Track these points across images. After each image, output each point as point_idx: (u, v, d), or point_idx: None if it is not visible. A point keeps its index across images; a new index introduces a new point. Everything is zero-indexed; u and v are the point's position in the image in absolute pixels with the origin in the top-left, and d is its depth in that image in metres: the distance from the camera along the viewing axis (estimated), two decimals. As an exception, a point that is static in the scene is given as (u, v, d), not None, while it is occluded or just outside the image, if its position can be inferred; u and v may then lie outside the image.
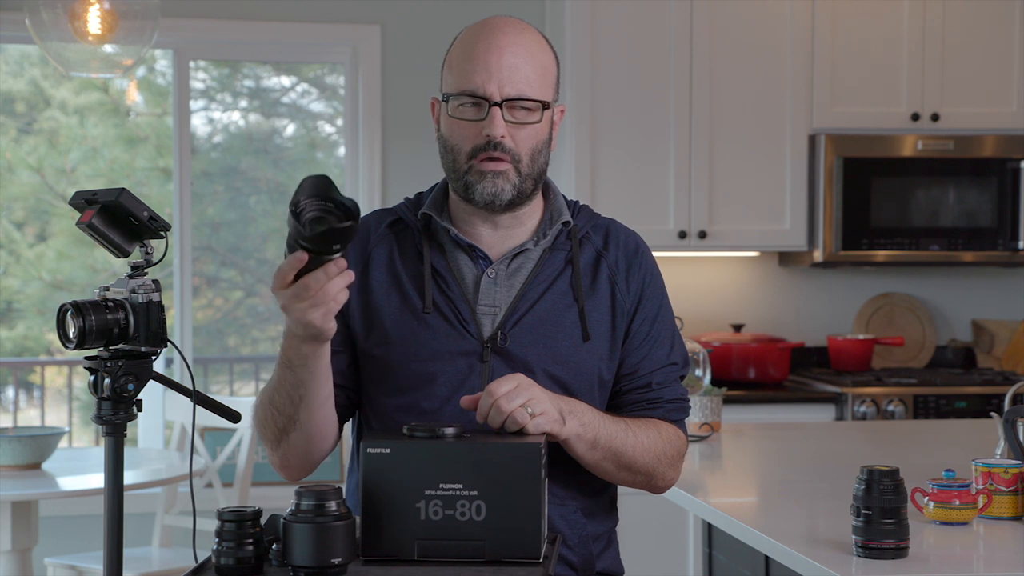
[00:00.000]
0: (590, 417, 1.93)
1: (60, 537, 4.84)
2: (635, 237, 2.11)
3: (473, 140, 1.97)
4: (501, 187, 1.97)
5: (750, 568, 2.98)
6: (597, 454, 1.95)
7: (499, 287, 2.01)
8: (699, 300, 5.11)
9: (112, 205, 1.78)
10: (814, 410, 4.64)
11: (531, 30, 2.03)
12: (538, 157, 2.00)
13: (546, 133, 2.01)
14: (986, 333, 5.21)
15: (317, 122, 7.01)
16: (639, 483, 2.04)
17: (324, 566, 1.64)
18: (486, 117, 1.95)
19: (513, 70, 1.96)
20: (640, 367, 2.04)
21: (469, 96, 1.96)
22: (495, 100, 1.95)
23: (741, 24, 4.79)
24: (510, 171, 1.97)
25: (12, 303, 7.98)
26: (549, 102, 2.01)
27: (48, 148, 7.84)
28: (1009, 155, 4.85)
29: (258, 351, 7.51)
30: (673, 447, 2.05)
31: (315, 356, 1.86)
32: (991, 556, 2.17)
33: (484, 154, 1.96)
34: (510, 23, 2.01)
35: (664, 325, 2.07)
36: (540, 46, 2.02)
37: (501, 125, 1.95)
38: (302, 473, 2.02)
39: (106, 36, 3.94)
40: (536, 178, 2.00)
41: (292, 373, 1.89)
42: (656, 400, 2.05)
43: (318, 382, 1.90)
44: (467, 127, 1.97)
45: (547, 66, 2.02)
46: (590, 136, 4.71)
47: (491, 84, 1.95)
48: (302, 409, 1.92)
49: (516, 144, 1.97)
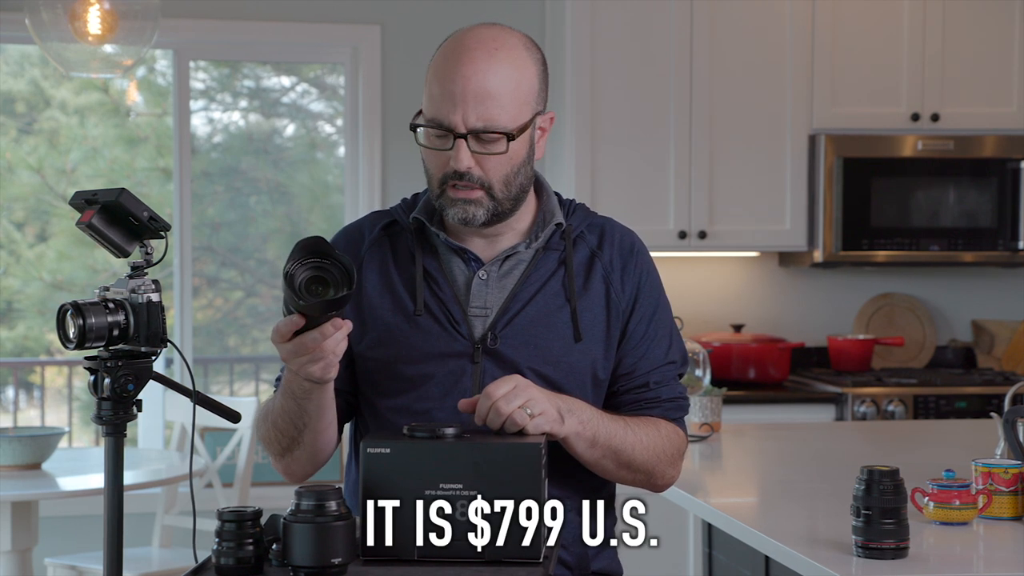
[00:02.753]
0: (589, 415, 1.93)
1: (60, 537, 4.84)
2: (631, 235, 2.10)
3: (443, 168, 1.95)
4: (472, 212, 1.95)
5: (750, 568, 2.98)
6: (596, 452, 1.95)
7: (491, 289, 2.01)
8: (699, 300, 5.11)
9: (112, 205, 1.78)
10: (814, 410, 4.63)
11: (507, 46, 1.94)
12: (513, 180, 1.96)
13: (522, 155, 1.96)
14: (986, 333, 5.21)
15: (317, 122, 7.01)
16: (639, 481, 2.04)
17: (324, 566, 1.64)
18: (452, 148, 1.93)
19: (479, 99, 1.90)
20: (637, 367, 2.04)
21: (435, 127, 1.94)
22: (460, 131, 1.91)
23: (741, 24, 4.79)
24: (482, 198, 1.94)
25: (12, 303, 7.97)
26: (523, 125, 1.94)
27: (48, 148, 7.83)
28: (1009, 155, 4.85)
29: (258, 351, 7.50)
30: (673, 445, 2.04)
31: (318, 391, 1.90)
32: (991, 556, 2.17)
33: (452, 182, 1.94)
34: (483, 42, 1.93)
35: (661, 324, 2.07)
36: (515, 63, 1.94)
37: (467, 158, 1.92)
38: (305, 477, 2.05)
39: (106, 36, 3.94)
40: (515, 198, 1.98)
41: (295, 403, 1.92)
42: (654, 399, 2.05)
43: (321, 410, 1.93)
44: (437, 155, 1.96)
45: (522, 85, 1.94)
46: (590, 136, 4.71)
47: (455, 115, 1.91)
48: (306, 433, 1.96)
49: (486, 172, 1.93)
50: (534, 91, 1.97)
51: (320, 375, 1.83)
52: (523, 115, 1.95)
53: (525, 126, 1.95)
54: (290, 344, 1.79)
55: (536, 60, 1.98)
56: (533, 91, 1.97)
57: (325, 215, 6.83)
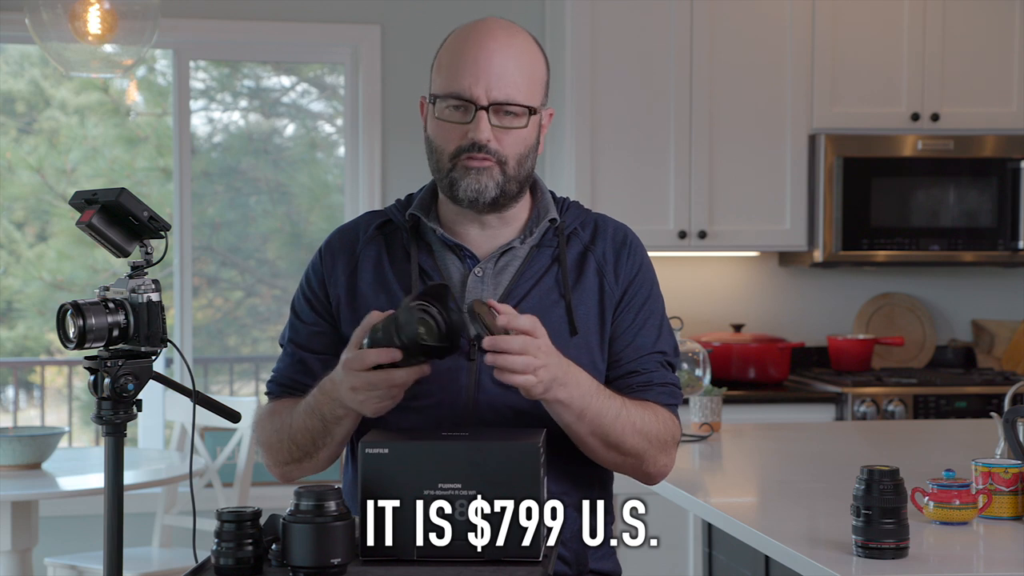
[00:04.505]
0: (582, 392, 1.90)
1: (60, 537, 4.84)
2: (623, 229, 2.11)
3: (457, 141, 1.97)
4: (485, 183, 1.96)
5: (750, 568, 2.98)
6: (583, 427, 1.92)
7: (486, 285, 2.01)
8: (699, 300, 5.10)
9: (112, 205, 1.78)
10: (814, 410, 4.63)
11: (522, 33, 2.01)
12: (525, 161, 1.99)
13: (533, 138, 2.01)
14: (986, 333, 5.21)
15: (317, 122, 7.01)
16: (630, 466, 2.01)
17: (324, 566, 1.64)
18: (472, 120, 1.95)
19: (502, 74, 1.95)
20: (624, 354, 2.04)
21: (456, 98, 1.96)
22: (482, 104, 1.95)
23: (741, 24, 4.79)
24: (494, 168, 1.97)
25: (12, 303, 7.97)
26: (536, 107, 2.00)
27: (48, 148, 7.84)
28: (1009, 155, 4.85)
29: (258, 351, 7.51)
30: (667, 431, 2.03)
31: (351, 418, 1.93)
32: (991, 556, 2.17)
33: (468, 154, 1.96)
34: (500, 25, 2.00)
35: (651, 314, 2.07)
36: (530, 50, 2.00)
37: (487, 129, 1.95)
38: (300, 479, 2.06)
39: (106, 36, 3.94)
40: (522, 181, 2.01)
41: (322, 424, 1.95)
42: (646, 384, 2.04)
43: (344, 430, 1.96)
44: (453, 129, 1.97)
45: (536, 71, 2.00)
46: (590, 136, 4.71)
47: (478, 87, 1.95)
48: (323, 450, 1.99)
49: (502, 147, 1.97)
50: (544, 81, 2.03)
51: (378, 412, 1.86)
52: (536, 98, 2.00)
53: (537, 110, 2.00)
54: (367, 374, 1.81)
55: (543, 55, 2.05)
56: (543, 81, 2.03)
57: (325, 215, 6.83)
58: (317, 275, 2.08)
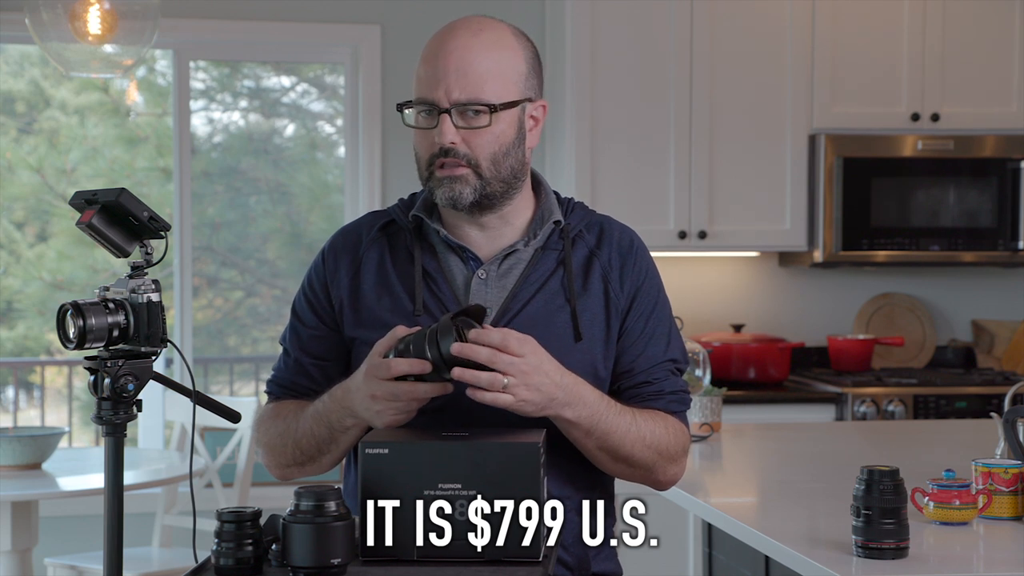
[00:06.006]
0: (589, 411, 1.89)
1: (60, 537, 4.84)
2: (629, 233, 2.09)
3: (430, 148, 1.95)
4: (459, 191, 1.94)
5: (750, 568, 2.98)
6: (591, 442, 1.92)
7: (490, 288, 2.00)
8: (699, 300, 5.11)
9: (112, 205, 1.78)
10: (814, 410, 4.63)
11: (493, 27, 1.96)
12: (502, 160, 1.95)
13: (511, 135, 1.96)
14: (986, 333, 5.21)
15: (317, 122, 7.01)
16: (639, 476, 2.01)
17: (324, 566, 1.64)
18: (437, 124, 1.93)
19: (463, 72, 1.91)
20: (636, 364, 2.02)
21: (421, 103, 1.95)
22: (443, 106, 1.92)
23: (741, 24, 4.79)
24: (468, 175, 1.94)
25: (12, 303, 7.97)
26: (510, 102, 1.94)
27: (48, 148, 7.84)
28: (1009, 155, 4.85)
29: (258, 351, 7.51)
30: (678, 443, 2.02)
31: (359, 428, 1.93)
32: (991, 556, 2.17)
33: (440, 160, 1.94)
34: (469, 24, 1.96)
35: (660, 321, 2.05)
36: (500, 43, 1.95)
37: (450, 131, 1.92)
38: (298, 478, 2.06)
39: (106, 36, 3.94)
40: (506, 180, 1.96)
41: (328, 432, 1.95)
42: (657, 393, 2.03)
43: (350, 440, 1.96)
44: (425, 135, 1.96)
45: (509, 63, 1.95)
46: (590, 136, 4.71)
47: (439, 89, 1.92)
48: (327, 456, 1.99)
49: (472, 149, 1.93)
50: (521, 74, 1.96)
51: (390, 425, 1.85)
52: (508, 93, 1.94)
53: (510, 104, 1.94)
54: (391, 384, 1.80)
55: (524, 47, 1.99)
56: (519, 73, 1.96)
57: (325, 215, 6.83)
58: (319, 277, 2.07)
